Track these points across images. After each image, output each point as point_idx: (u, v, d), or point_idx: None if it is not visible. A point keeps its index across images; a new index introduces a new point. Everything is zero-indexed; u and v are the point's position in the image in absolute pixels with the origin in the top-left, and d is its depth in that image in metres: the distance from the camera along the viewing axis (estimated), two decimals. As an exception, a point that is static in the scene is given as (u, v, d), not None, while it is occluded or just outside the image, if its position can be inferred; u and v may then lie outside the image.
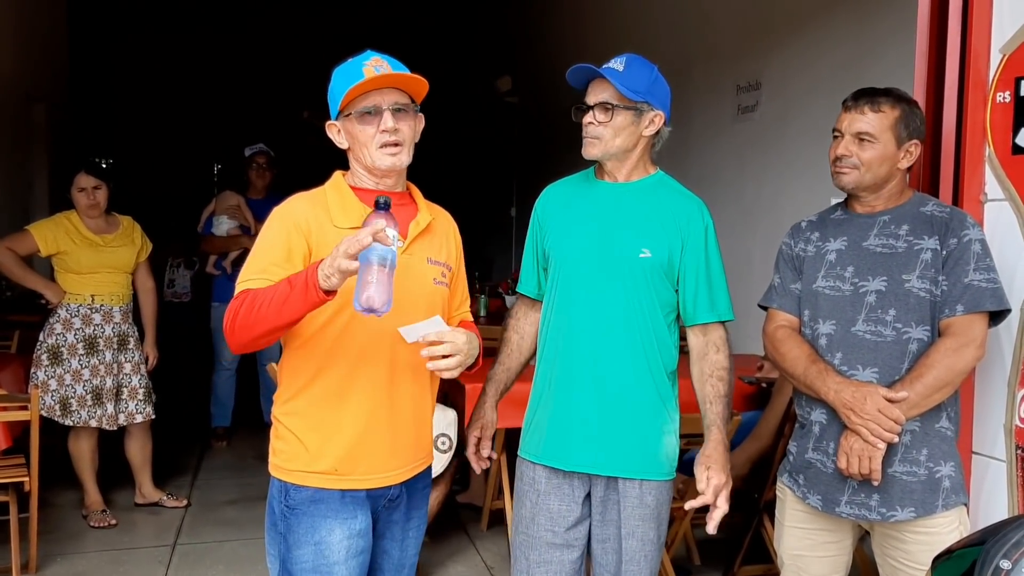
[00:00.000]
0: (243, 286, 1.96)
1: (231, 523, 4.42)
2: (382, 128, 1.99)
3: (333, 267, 1.75)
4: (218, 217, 5.63)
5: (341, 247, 1.73)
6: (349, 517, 2.05)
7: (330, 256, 1.77)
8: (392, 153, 2.02)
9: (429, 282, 2.10)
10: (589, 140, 2.29)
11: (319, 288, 1.78)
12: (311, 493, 2.04)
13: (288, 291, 1.82)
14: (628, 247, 2.27)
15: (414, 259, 2.07)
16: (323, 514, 2.03)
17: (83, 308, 4.22)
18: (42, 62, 7.69)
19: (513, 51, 9.42)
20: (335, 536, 2.03)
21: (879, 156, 2.21)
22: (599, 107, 2.26)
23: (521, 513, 2.39)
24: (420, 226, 2.10)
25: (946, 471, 2.17)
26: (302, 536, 2.04)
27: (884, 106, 2.21)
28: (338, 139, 2.09)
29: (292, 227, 1.99)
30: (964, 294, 2.13)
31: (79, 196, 4.26)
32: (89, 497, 4.37)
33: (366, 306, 1.75)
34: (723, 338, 2.34)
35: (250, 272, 1.98)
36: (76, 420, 4.18)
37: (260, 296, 1.87)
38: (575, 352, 2.30)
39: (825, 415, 2.23)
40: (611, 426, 2.28)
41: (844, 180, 2.26)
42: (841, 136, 2.25)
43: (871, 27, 4.07)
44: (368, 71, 1.99)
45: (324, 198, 2.07)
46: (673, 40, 5.87)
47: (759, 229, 4.84)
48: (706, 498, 2.20)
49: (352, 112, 2.02)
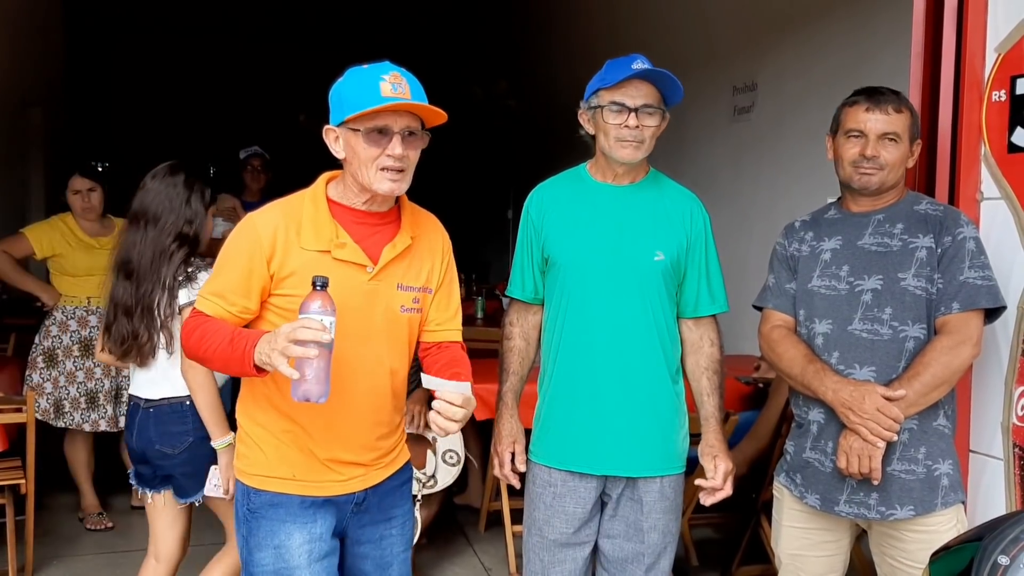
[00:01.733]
0: (201, 303, 1.97)
1: (228, 526, 4.41)
2: (388, 152, 1.89)
3: (270, 358, 1.75)
4: (214, 219, 5.59)
5: (279, 342, 1.72)
6: (308, 521, 2.03)
7: (269, 339, 1.76)
8: (393, 179, 1.91)
9: (396, 310, 2.03)
10: (633, 144, 2.24)
11: (253, 365, 1.80)
12: (270, 497, 2.03)
13: (229, 352, 1.85)
14: (642, 251, 2.29)
15: (383, 285, 2.00)
16: (282, 518, 2.02)
17: (79, 310, 4.20)
18: (38, 66, 7.69)
19: (510, 54, 9.43)
20: (294, 540, 2.01)
21: (901, 156, 2.22)
22: (644, 111, 2.23)
23: (535, 516, 2.39)
24: (396, 250, 2.01)
25: (944, 469, 2.17)
26: (262, 539, 2.03)
27: (903, 106, 2.22)
28: (335, 147, 1.97)
29: (256, 249, 1.93)
30: (960, 292, 2.13)
31: (74, 199, 4.25)
32: (85, 500, 4.35)
33: (303, 399, 1.79)
34: (716, 331, 2.39)
35: (209, 288, 1.98)
36: (68, 422, 4.17)
37: (209, 337, 1.89)
38: (595, 356, 2.30)
39: (823, 414, 2.23)
40: (636, 429, 2.30)
41: (870, 181, 2.22)
42: (862, 136, 2.21)
43: (867, 28, 4.08)
44: (386, 88, 1.86)
45: (300, 210, 1.98)
46: (670, 41, 5.87)
47: (755, 230, 4.84)
48: (716, 483, 2.31)
49: (360, 128, 1.89)
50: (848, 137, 2.23)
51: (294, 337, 1.70)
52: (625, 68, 2.22)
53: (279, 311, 1.95)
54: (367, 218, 2.00)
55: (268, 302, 1.97)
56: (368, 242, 1.99)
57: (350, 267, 1.96)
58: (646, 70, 2.22)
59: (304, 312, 1.76)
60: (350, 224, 1.98)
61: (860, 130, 2.21)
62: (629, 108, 2.21)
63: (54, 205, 4.38)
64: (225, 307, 1.93)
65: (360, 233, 1.99)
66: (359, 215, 2.00)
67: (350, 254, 1.96)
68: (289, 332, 1.71)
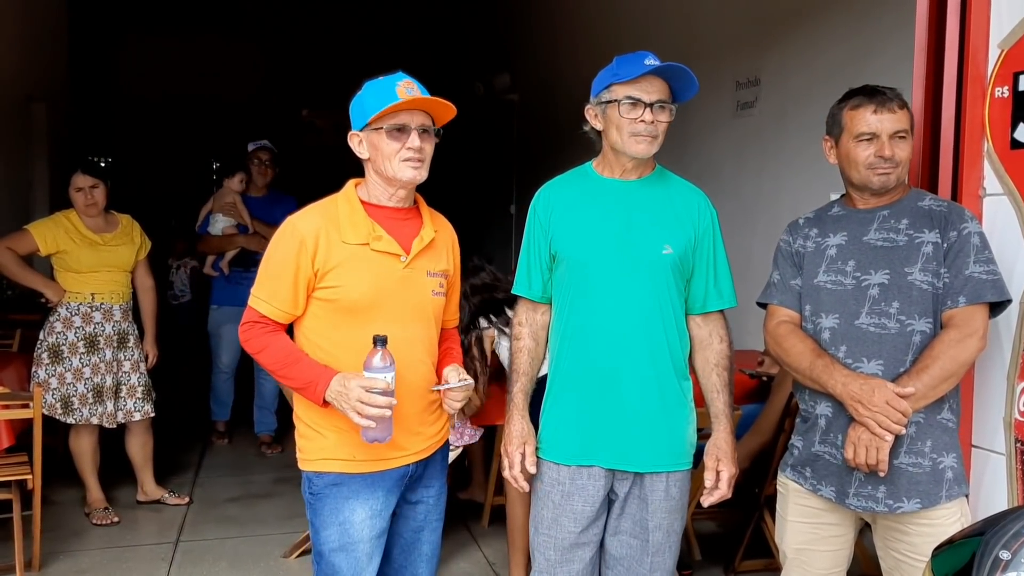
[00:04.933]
0: (255, 304, 2.21)
1: (233, 520, 4.43)
2: (408, 145, 2.15)
3: (341, 406, 2.08)
4: (214, 216, 5.50)
5: (352, 398, 2.04)
6: (370, 498, 2.22)
7: (340, 391, 2.07)
8: (414, 167, 2.17)
9: (428, 294, 2.28)
10: (647, 139, 2.26)
11: (324, 400, 2.11)
12: (333, 478, 2.21)
13: (301, 386, 2.15)
14: (650, 244, 2.29)
15: (415, 272, 2.25)
16: (345, 496, 2.21)
17: (83, 306, 4.22)
18: (43, 62, 7.70)
19: (511, 48, 9.42)
20: (357, 515, 2.21)
21: (911, 152, 2.26)
22: (659, 106, 2.24)
23: (543, 514, 2.39)
24: (424, 242, 2.26)
25: (949, 462, 2.18)
26: (327, 518, 2.21)
27: (903, 103, 2.25)
28: (359, 149, 2.24)
29: (301, 250, 2.16)
30: (965, 286, 2.14)
31: (77, 196, 4.27)
32: (91, 495, 4.38)
33: (371, 442, 2.11)
34: (725, 327, 2.40)
35: (262, 291, 2.21)
36: (78, 418, 4.19)
37: (280, 359, 2.18)
38: (604, 352, 2.31)
39: (830, 408, 2.24)
40: (641, 423, 2.30)
41: (890, 179, 2.23)
42: (875, 138, 2.21)
43: (870, 23, 4.08)
44: (401, 92, 2.14)
45: (336, 211, 2.22)
46: (671, 35, 5.87)
47: (758, 224, 4.85)
48: (722, 492, 2.33)
49: (384, 127, 2.16)
50: (859, 141, 2.24)
51: (366, 400, 2.03)
52: (638, 63, 2.23)
53: (322, 303, 2.19)
54: (395, 214, 2.26)
55: (313, 296, 2.19)
56: (399, 235, 2.24)
57: (387, 257, 2.21)
58: (664, 66, 2.23)
59: (368, 369, 2.05)
60: (382, 219, 2.23)
61: (872, 132, 2.22)
62: (645, 103, 2.23)
63: (58, 201, 4.38)
64: (277, 308, 2.19)
65: (391, 227, 2.23)
66: (388, 211, 2.25)
67: (386, 245, 2.20)
68: (362, 393, 2.03)
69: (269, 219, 5.29)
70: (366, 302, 2.17)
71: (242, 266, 5.44)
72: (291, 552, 3.95)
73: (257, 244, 5.34)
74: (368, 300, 2.17)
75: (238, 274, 5.44)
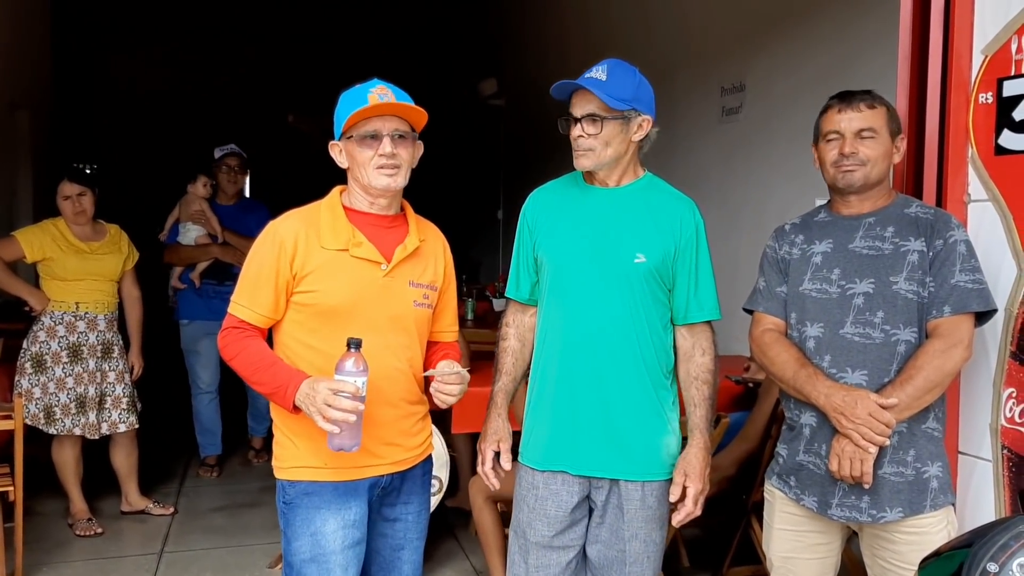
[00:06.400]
0: (234, 310, 2.16)
1: (218, 530, 4.40)
2: (380, 152, 2.12)
3: (308, 408, 2.00)
4: (184, 224, 5.15)
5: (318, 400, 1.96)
6: (343, 508, 2.17)
7: (308, 392, 1.99)
8: (388, 174, 2.14)
9: (409, 304, 2.23)
10: (581, 152, 2.28)
11: (294, 405, 2.04)
12: (304, 487, 2.17)
13: (271, 390, 2.08)
14: (623, 252, 2.28)
15: (396, 282, 2.21)
16: (316, 505, 2.16)
17: (67, 316, 4.19)
18: (26, 69, 7.64)
19: (498, 53, 9.41)
20: (329, 526, 2.15)
21: (883, 152, 2.24)
22: (587, 119, 2.24)
23: (519, 518, 2.40)
24: (407, 251, 2.22)
25: (933, 471, 2.18)
26: (299, 528, 2.17)
27: (875, 102, 2.24)
28: (339, 158, 2.22)
29: (280, 253, 2.13)
30: (951, 295, 2.13)
31: (64, 204, 4.23)
32: (74, 506, 4.34)
33: (337, 450, 2.02)
34: (710, 339, 2.37)
35: (242, 297, 2.17)
36: (60, 429, 4.15)
37: (253, 363, 2.11)
38: (574, 357, 2.31)
39: (815, 417, 2.23)
40: (613, 429, 2.30)
41: (853, 178, 2.24)
42: (840, 136, 2.24)
43: (854, 29, 4.08)
44: (373, 98, 2.12)
45: (317, 216, 2.19)
46: (657, 41, 5.87)
47: (745, 230, 4.84)
48: (688, 509, 2.29)
49: (354, 135, 2.14)
50: (827, 141, 2.27)
51: (333, 403, 1.94)
52: (572, 81, 2.27)
53: (300, 307, 2.16)
54: (379, 221, 2.22)
55: (291, 301, 2.16)
56: (380, 242, 2.20)
57: (366, 264, 2.17)
58: (578, 81, 2.24)
59: (339, 372, 1.97)
60: (364, 226, 2.20)
61: (837, 131, 2.25)
62: (575, 118, 2.27)
63: (42, 209, 4.34)
64: (256, 312, 2.15)
65: (373, 234, 2.20)
66: (370, 218, 2.21)
67: (366, 252, 2.17)
68: (329, 396, 1.95)
69: (242, 229, 5.04)
70: (344, 308, 2.14)
71: (215, 279, 5.16)
72: (276, 562, 3.92)
73: (233, 256, 5.06)
74: (346, 306, 2.14)
75: (210, 287, 5.16)
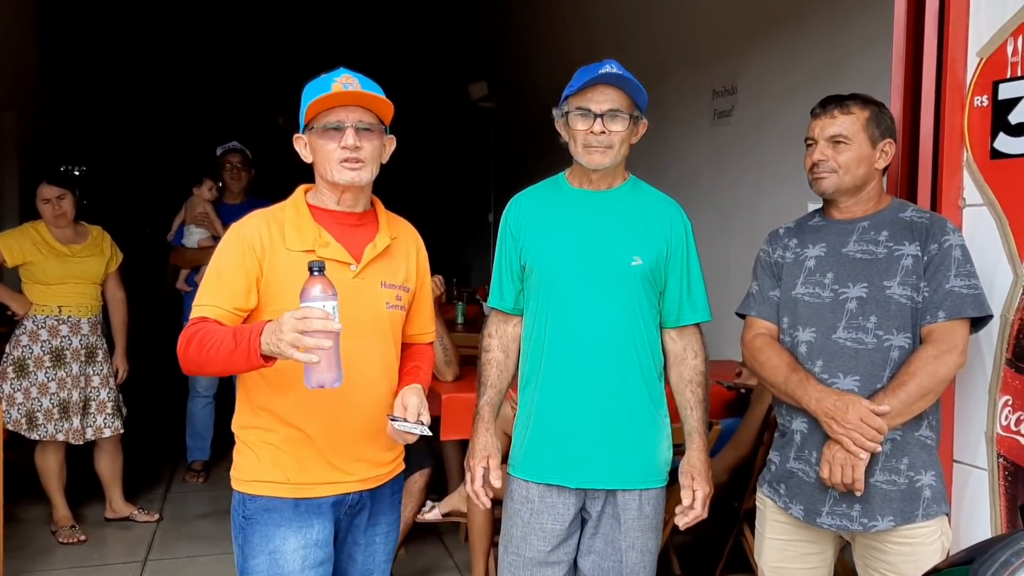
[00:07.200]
0: (199, 311, 1.98)
1: (204, 537, 4.34)
2: (343, 144, 1.99)
3: (277, 346, 1.75)
4: (188, 227, 5.18)
5: (286, 331, 1.72)
6: (304, 526, 2.04)
7: (274, 329, 1.76)
8: (352, 168, 2.01)
9: (382, 306, 2.11)
10: (601, 150, 2.21)
11: (260, 355, 1.80)
12: (264, 502, 2.04)
13: (233, 347, 1.84)
14: (619, 256, 2.24)
15: (367, 283, 2.08)
16: (276, 523, 2.03)
17: (50, 320, 4.13)
18: (12, 70, 7.56)
19: (489, 55, 9.39)
20: (289, 545, 2.03)
21: (855, 157, 2.20)
22: (610, 116, 2.19)
23: (512, 532, 2.33)
24: (377, 249, 2.10)
25: (927, 480, 2.14)
26: (257, 545, 2.04)
27: (853, 108, 2.21)
28: (304, 153, 2.09)
29: (247, 249, 2.00)
30: (945, 300, 2.10)
31: (44, 207, 4.17)
32: (57, 512, 4.28)
33: (317, 386, 1.81)
34: (700, 341, 2.35)
35: (207, 297, 1.99)
36: (43, 434, 4.10)
37: (208, 339, 1.88)
38: (570, 365, 2.26)
39: (806, 424, 2.20)
40: (611, 438, 2.25)
41: (824, 185, 2.23)
42: (815, 143, 2.23)
43: (846, 32, 4.06)
44: (336, 87, 1.98)
45: (282, 216, 2.07)
46: (649, 43, 5.84)
47: (736, 233, 4.82)
48: (697, 512, 2.27)
49: (316, 127, 2.02)
50: (808, 147, 2.27)
51: (303, 328, 1.71)
52: (591, 74, 2.20)
53: (266, 312, 1.99)
54: (346, 219, 2.09)
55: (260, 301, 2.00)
56: (349, 242, 2.07)
57: (334, 265, 2.01)
58: (608, 74, 2.19)
59: (305, 299, 1.77)
60: (331, 225, 2.07)
61: (812, 138, 2.25)
62: (595, 113, 2.19)
63: (28, 211, 4.28)
64: (223, 308, 1.96)
65: (341, 233, 2.07)
66: (338, 216, 2.08)
67: (334, 252, 2.03)
68: (296, 323, 1.71)
69: None
70: None
71: None
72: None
73: None
74: None
75: None
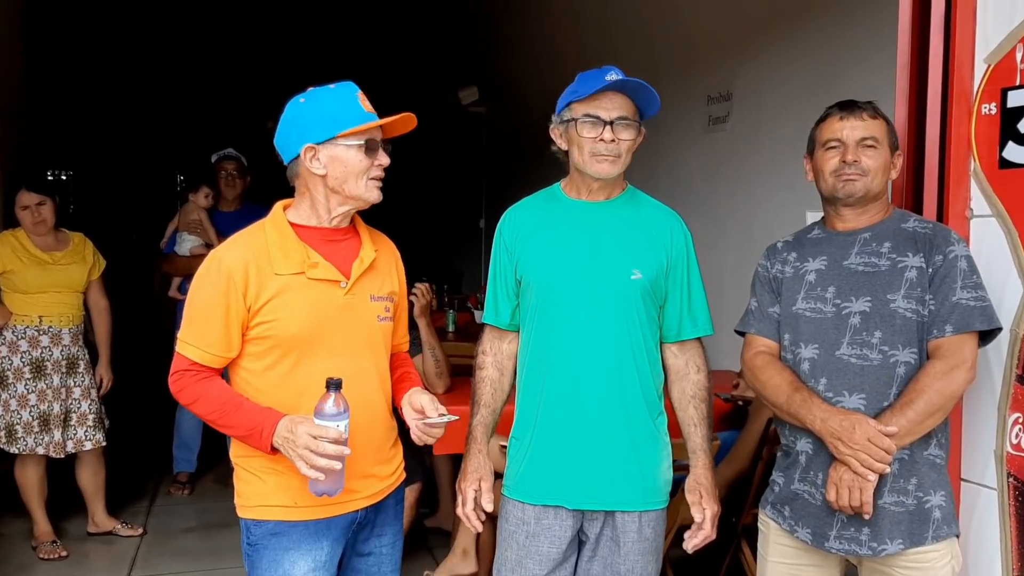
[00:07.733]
0: (183, 350, 1.98)
1: (189, 553, 4.24)
2: (378, 163, 2.01)
3: (290, 453, 1.86)
4: (181, 234, 5.06)
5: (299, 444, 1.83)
6: (314, 548, 2.03)
7: (287, 436, 1.85)
8: (379, 187, 2.04)
9: (373, 320, 2.10)
10: (610, 159, 2.14)
11: (271, 447, 1.90)
12: (272, 527, 2.02)
13: (244, 433, 1.93)
14: (618, 269, 2.17)
15: (358, 299, 2.07)
16: (285, 547, 2.00)
17: (30, 330, 4.03)
18: (-5, 74, 7.46)
19: (480, 60, 9.32)
20: (299, 568, 2.00)
21: (883, 163, 2.15)
22: (621, 123, 2.12)
23: (507, 556, 2.25)
24: (364, 264, 2.09)
25: (936, 501, 2.06)
26: (265, 571, 2.01)
27: (877, 114, 2.16)
28: (310, 164, 2.01)
29: (230, 287, 1.96)
30: (952, 313, 2.03)
31: (23, 215, 4.07)
32: (38, 527, 4.17)
33: (320, 495, 1.91)
34: (702, 355, 2.28)
35: (190, 335, 1.99)
36: (22, 447, 4.00)
37: (217, 406, 1.95)
38: (570, 383, 2.17)
39: (811, 445, 2.12)
40: (611, 458, 2.18)
41: (854, 187, 2.13)
42: (842, 145, 2.14)
43: (844, 40, 3.99)
44: (366, 107, 2.00)
45: (264, 239, 2.02)
46: (643, 49, 5.78)
47: (732, 242, 4.76)
48: (706, 532, 2.20)
49: (356, 143, 1.99)
50: (827, 149, 2.17)
51: (314, 448, 1.82)
52: (599, 80, 2.12)
53: (258, 340, 1.99)
54: (331, 235, 2.07)
55: (248, 335, 2.00)
56: (336, 259, 2.05)
57: (325, 285, 2.02)
58: (621, 81, 2.11)
59: (319, 416, 1.84)
60: (316, 243, 2.04)
61: (838, 139, 2.15)
62: (604, 121, 2.11)
63: (13, 219, 4.17)
64: (208, 352, 1.98)
65: (327, 251, 2.05)
66: (324, 233, 2.06)
67: (324, 272, 2.02)
68: (310, 441, 1.82)
69: None
70: (305, 336, 1.98)
71: None
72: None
73: None
74: (307, 334, 1.98)
75: None
